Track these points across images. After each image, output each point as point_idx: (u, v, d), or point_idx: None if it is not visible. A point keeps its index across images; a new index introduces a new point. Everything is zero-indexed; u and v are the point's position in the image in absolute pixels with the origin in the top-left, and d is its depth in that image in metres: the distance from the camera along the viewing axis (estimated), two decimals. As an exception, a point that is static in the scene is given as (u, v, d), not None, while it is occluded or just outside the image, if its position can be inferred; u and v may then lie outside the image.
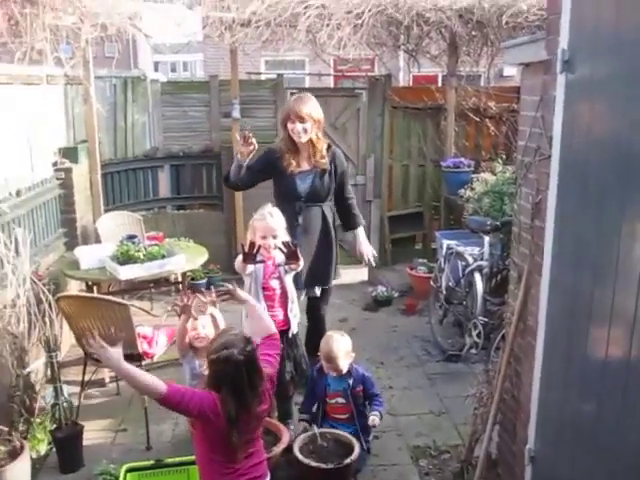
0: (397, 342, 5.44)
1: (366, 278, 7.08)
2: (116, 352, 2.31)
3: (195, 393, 2.38)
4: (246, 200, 6.48)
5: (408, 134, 7.29)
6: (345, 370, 3.52)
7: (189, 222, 6.97)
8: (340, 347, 3.49)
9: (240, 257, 3.41)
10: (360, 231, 4.36)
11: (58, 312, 3.88)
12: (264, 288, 3.59)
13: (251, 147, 3.90)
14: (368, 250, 4.34)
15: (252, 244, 3.34)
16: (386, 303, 6.28)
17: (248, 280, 3.60)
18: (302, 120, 3.98)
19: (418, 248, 7.43)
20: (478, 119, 7.10)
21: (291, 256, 3.29)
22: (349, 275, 6.87)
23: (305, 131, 3.99)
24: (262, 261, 3.50)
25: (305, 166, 4.07)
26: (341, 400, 3.54)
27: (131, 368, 2.31)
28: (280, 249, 3.33)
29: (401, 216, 7.35)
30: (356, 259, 6.92)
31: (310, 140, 4.03)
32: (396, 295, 6.34)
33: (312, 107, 4.03)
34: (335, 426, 3.50)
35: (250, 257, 3.36)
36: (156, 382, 2.32)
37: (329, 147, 4.16)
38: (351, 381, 3.53)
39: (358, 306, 6.32)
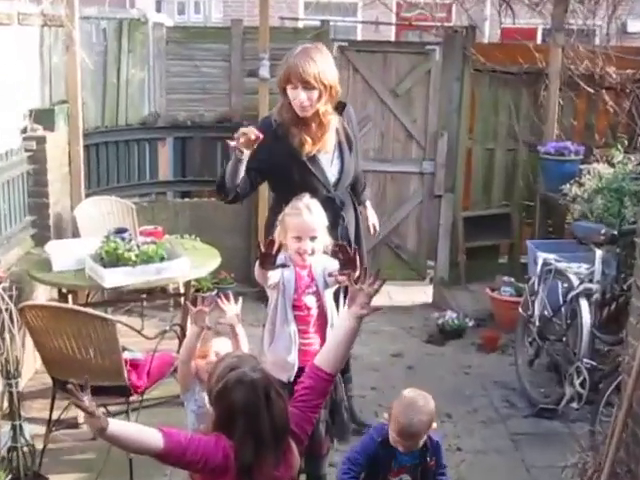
0: (470, 388, 5.41)
1: (430, 300, 7.10)
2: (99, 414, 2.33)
3: (201, 440, 2.42)
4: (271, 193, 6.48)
5: (495, 107, 7.23)
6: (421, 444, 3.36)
7: (196, 215, 7.00)
8: (424, 419, 3.24)
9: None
10: (368, 203, 4.64)
11: (21, 326, 3.91)
12: (295, 307, 3.56)
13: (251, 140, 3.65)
14: (377, 222, 4.65)
15: (271, 242, 3.33)
16: (456, 335, 6.28)
17: (274, 295, 3.58)
18: (307, 85, 3.83)
19: (503, 262, 7.39)
20: (592, 90, 7.00)
21: (349, 263, 3.16)
22: (406, 294, 6.92)
23: (310, 102, 3.86)
24: (284, 265, 3.49)
25: None
26: (406, 478, 3.42)
27: (119, 429, 2.34)
28: (337, 256, 3.28)
29: (481, 218, 7.28)
30: (417, 274, 7.41)
31: (317, 114, 3.91)
32: (470, 324, 6.35)
33: (324, 66, 3.87)
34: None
35: (268, 259, 3.33)
36: (150, 437, 2.35)
37: (344, 106, 4.15)
38: (427, 456, 3.38)
39: (418, 337, 6.33)
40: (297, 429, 2.54)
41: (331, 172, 4.07)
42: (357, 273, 2.86)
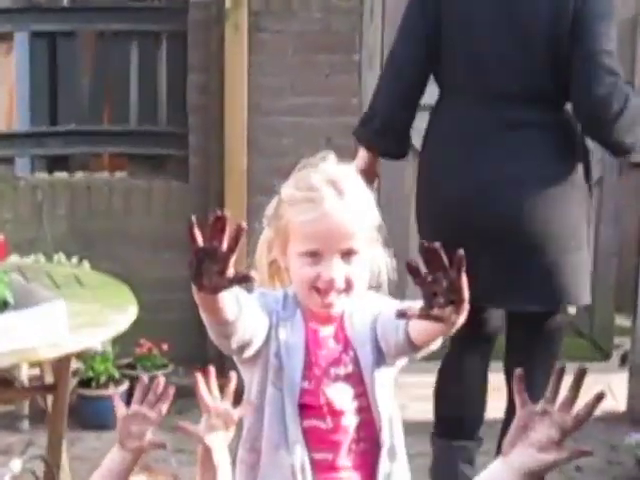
0: None
1: (621, 405, 5.94)
2: None
3: None
4: (258, 144, 5.71)
5: None
6: None
7: (85, 209, 5.90)
8: None
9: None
10: None
11: None
12: (307, 408, 2.90)
13: None
14: None
15: (219, 221, 2.60)
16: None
17: (255, 378, 2.96)
18: None
19: None
20: None
21: (453, 291, 2.54)
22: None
23: None
24: (246, 278, 2.82)
25: None
26: None
27: None
28: (431, 280, 2.54)
29: None
30: (592, 347, 6.59)
31: None
32: None
33: None
34: None
35: (211, 263, 2.68)
36: None
37: None
38: None
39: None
40: None
41: None
42: (462, 313, 2.35)
